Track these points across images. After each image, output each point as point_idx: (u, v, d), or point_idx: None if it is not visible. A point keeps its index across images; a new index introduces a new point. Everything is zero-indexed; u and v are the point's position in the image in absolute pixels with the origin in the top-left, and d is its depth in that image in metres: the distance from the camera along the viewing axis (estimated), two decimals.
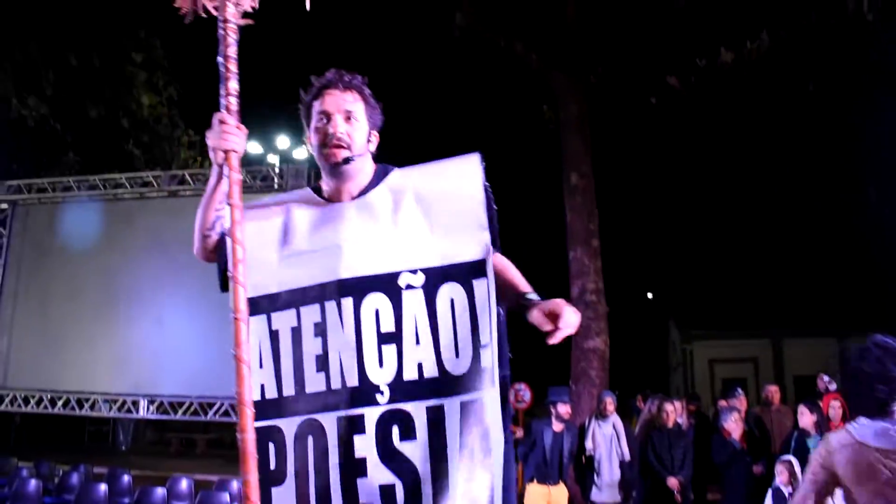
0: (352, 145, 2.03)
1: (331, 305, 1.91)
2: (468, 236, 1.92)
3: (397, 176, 2.05)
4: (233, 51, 1.87)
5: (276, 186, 9.88)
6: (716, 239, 23.63)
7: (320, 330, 1.91)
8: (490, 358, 1.83)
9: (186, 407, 9.34)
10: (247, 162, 14.35)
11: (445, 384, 1.83)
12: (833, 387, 9.39)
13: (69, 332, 9.70)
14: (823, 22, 8.26)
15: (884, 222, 12.69)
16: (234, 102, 1.88)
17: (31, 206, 10.61)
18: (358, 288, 1.91)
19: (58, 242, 10.19)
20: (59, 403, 9.69)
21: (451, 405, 1.82)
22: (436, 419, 1.82)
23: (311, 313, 1.93)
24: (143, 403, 9.53)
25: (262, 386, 1.92)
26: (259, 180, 10.01)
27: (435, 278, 1.90)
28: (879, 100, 10.91)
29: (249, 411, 1.72)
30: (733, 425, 7.30)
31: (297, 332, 1.93)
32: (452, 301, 1.88)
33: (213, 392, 9.15)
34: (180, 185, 10.11)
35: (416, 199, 1.98)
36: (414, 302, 1.89)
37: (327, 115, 2.07)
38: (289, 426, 1.90)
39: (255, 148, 14.43)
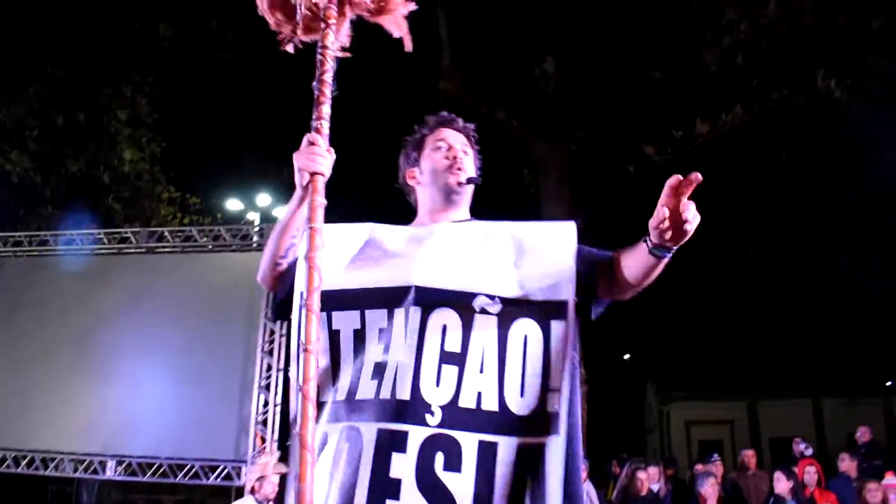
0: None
1: (399, 312, 1.82)
2: (554, 280, 1.84)
3: (492, 222, 2.05)
4: (328, 76, 1.86)
5: (254, 245, 9.84)
6: (693, 302, 23.84)
7: (386, 336, 1.82)
8: (559, 403, 1.73)
9: (156, 469, 9.12)
10: (226, 219, 14.35)
11: (504, 421, 1.72)
12: (809, 452, 9.40)
13: (40, 389, 9.47)
14: (795, 96, 8.57)
15: (856, 289, 12.92)
16: (325, 126, 1.87)
17: (6, 259, 10.48)
18: (429, 299, 1.82)
19: (32, 297, 10.03)
20: (24, 463, 9.42)
21: (508, 445, 1.70)
22: (487, 456, 1.69)
23: (377, 318, 1.84)
24: (110, 464, 9.27)
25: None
26: (239, 238, 9.95)
27: (512, 310, 1.81)
28: (850, 171, 11.25)
29: (311, 457, 1.56)
30: (709, 490, 7.28)
31: (360, 335, 1.84)
32: (526, 338, 1.79)
33: (184, 454, 8.94)
34: (159, 242, 10.03)
35: (509, 237, 1.94)
36: (486, 328, 1.80)
37: (447, 144, 2.15)
38: (332, 431, 1.79)
39: (235, 205, 14.45)
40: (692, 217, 1.64)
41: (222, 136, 12.64)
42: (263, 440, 8.87)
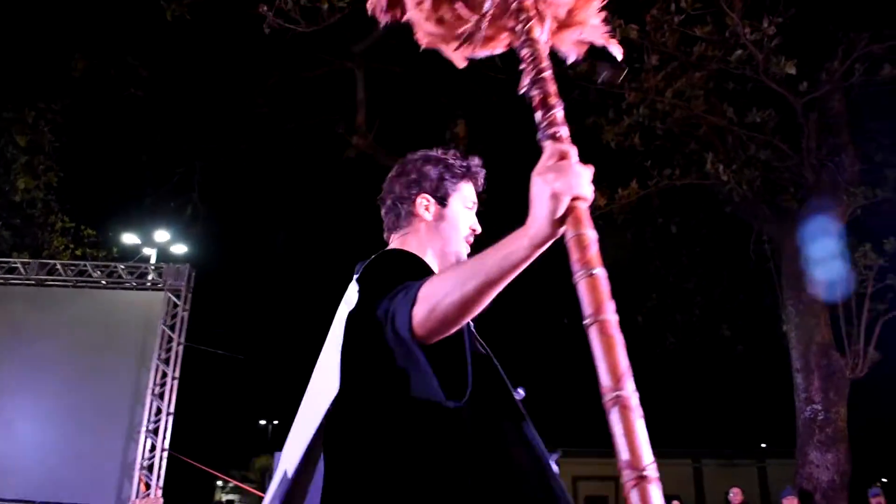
0: None
1: None
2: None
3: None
4: (548, 74, 1.41)
5: (149, 284, 9.62)
6: (583, 358, 24.61)
7: None
8: None
9: None
10: (122, 253, 13.91)
11: None
12: None
13: None
14: (686, 176, 9.24)
15: (735, 356, 13.72)
16: (566, 133, 1.38)
17: None
18: None
19: None
20: None
21: None
22: None
23: None
24: None
25: None
26: (135, 277, 9.70)
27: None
28: (731, 247, 12.10)
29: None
30: None
31: None
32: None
33: (62, 498, 8.50)
34: (49, 275, 9.67)
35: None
36: None
37: (475, 207, 1.89)
38: None
39: (131, 239, 14.04)
40: None
41: (124, 170, 12.39)
42: (148, 486, 8.59)
